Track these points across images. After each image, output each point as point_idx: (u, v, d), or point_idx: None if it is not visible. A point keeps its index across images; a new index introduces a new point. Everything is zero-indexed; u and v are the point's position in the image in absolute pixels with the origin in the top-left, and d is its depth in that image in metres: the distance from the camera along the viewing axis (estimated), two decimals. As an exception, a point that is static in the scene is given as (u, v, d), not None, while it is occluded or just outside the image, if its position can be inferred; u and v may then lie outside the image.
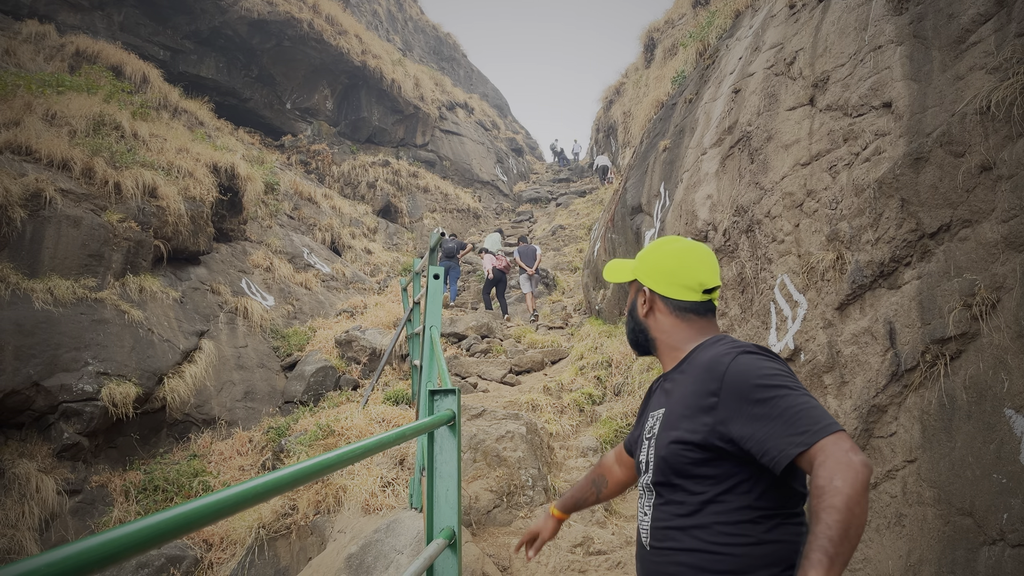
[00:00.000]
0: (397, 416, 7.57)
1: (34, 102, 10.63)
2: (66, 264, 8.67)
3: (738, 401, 1.55)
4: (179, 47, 20.89)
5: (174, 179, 11.04)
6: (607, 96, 27.96)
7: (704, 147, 7.15)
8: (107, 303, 8.80)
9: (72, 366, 8.01)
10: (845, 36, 4.88)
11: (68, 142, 9.81)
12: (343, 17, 25.26)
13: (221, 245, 12.98)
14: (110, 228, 9.23)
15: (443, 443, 2.51)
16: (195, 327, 10.16)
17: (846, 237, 4.24)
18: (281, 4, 21.95)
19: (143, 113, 12.70)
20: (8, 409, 7.46)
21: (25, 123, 9.88)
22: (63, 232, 8.70)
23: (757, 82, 6.21)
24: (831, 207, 4.45)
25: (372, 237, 21.11)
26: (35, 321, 7.86)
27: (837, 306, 4.23)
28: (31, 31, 16.19)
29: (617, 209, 10.62)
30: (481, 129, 32.12)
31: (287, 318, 12.90)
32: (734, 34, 8.18)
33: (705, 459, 1.61)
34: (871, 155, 4.15)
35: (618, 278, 1.99)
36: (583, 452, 6.43)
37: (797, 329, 4.61)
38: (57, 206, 8.68)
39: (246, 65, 22.38)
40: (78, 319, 8.34)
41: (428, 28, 45.38)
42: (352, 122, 25.42)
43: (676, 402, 1.72)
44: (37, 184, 8.55)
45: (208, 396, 9.51)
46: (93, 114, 10.93)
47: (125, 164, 10.16)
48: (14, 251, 8.17)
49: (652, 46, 20.55)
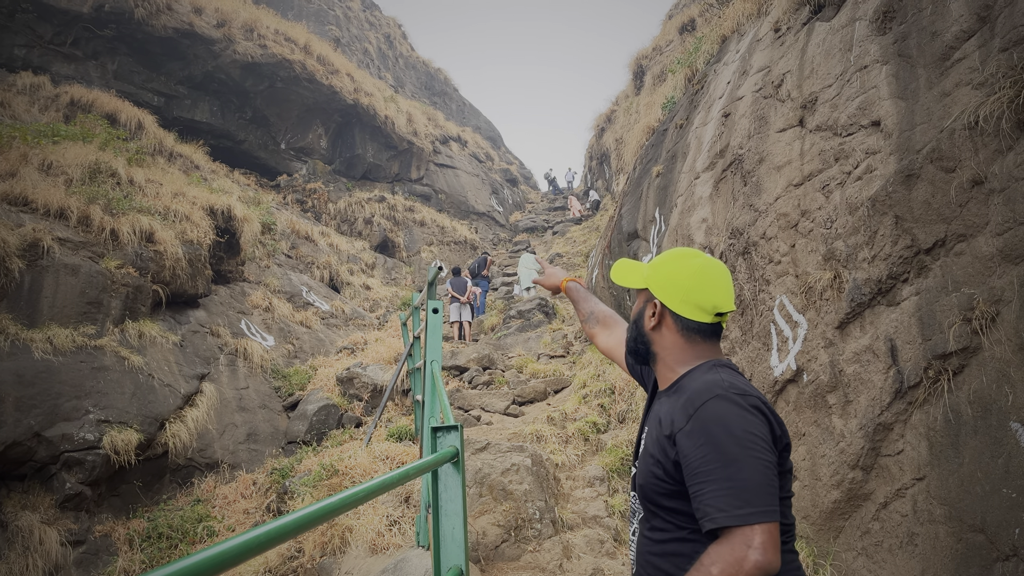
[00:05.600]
0: (401, 453, 7.51)
1: (30, 153, 10.69)
2: (65, 312, 8.66)
3: (696, 445, 1.51)
4: (173, 92, 21.08)
5: (171, 223, 11.07)
6: (599, 124, 28.17)
7: (697, 171, 7.19)
8: (107, 350, 8.78)
9: (73, 415, 7.96)
10: (831, 57, 4.93)
11: (65, 191, 9.86)
12: (334, 57, 25.54)
13: (220, 287, 12.99)
14: (108, 275, 9.24)
15: (447, 481, 2.49)
16: (196, 370, 10.12)
17: (842, 256, 4.25)
18: (273, 46, 22.20)
19: (139, 159, 12.78)
20: (10, 461, 7.40)
21: (21, 174, 9.93)
22: (61, 281, 8.70)
23: (746, 105, 6.26)
24: (826, 226, 4.46)
25: (370, 273, 21.14)
26: (35, 371, 7.83)
27: (837, 325, 4.23)
28: (26, 83, 16.36)
29: (613, 236, 10.65)
30: (475, 161, 32.33)
31: (288, 357, 12.86)
32: (721, 59, 8.27)
33: (675, 492, 1.59)
34: (863, 173, 4.18)
35: (626, 282, 1.87)
36: (590, 482, 6.37)
37: (799, 350, 4.60)
38: (55, 255, 8.70)
39: (240, 107, 22.57)
40: (78, 367, 8.31)
41: (419, 64, 45.89)
42: (347, 159, 25.59)
43: (655, 428, 1.69)
44: (35, 234, 8.57)
45: (210, 439, 9.45)
46: (89, 162, 11.00)
47: (122, 210, 10.20)
48: (13, 301, 8.16)
49: (641, 73, 20.77)
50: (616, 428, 7.72)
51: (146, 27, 19.50)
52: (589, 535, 5.32)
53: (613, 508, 5.87)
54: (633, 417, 7.50)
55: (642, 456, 1.72)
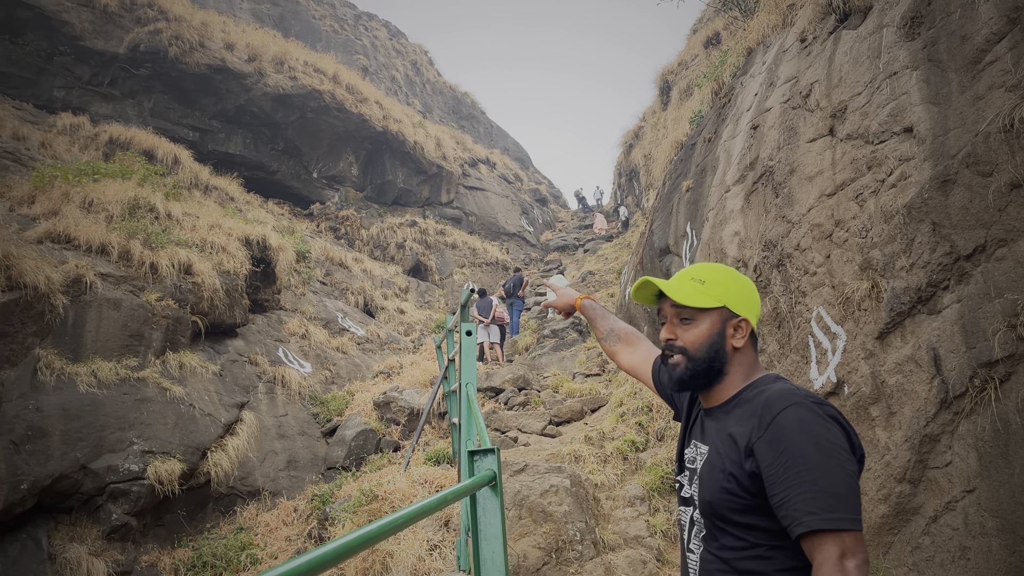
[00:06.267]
0: (439, 477, 7.51)
1: (71, 191, 11.01)
2: (108, 346, 8.85)
3: (776, 453, 1.51)
4: (207, 127, 21.58)
5: (208, 255, 11.29)
6: (626, 140, 28.18)
7: (727, 184, 7.14)
8: (149, 381, 8.94)
9: (118, 446, 8.11)
10: (859, 65, 4.89)
11: (105, 227, 10.12)
12: (363, 85, 25.96)
13: (257, 316, 13.18)
14: (149, 308, 9.43)
15: (486, 504, 2.48)
16: (235, 399, 10.26)
17: (879, 265, 4.18)
18: (303, 78, 22.64)
19: (175, 193, 13.08)
20: (57, 493, 7.55)
21: (64, 212, 10.22)
22: (104, 315, 8.90)
23: (775, 116, 6.22)
24: (861, 236, 4.40)
25: (404, 297, 21.30)
26: (80, 404, 8.00)
27: (877, 335, 4.15)
28: (66, 123, 16.87)
29: (645, 252, 10.61)
30: (504, 182, 32.50)
31: (325, 383, 12.97)
32: (748, 71, 8.24)
33: (750, 507, 1.57)
34: (897, 181, 4.12)
35: (691, 301, 1.77)
36: (630, 501, 6.31)
37: (838, 361, 4.52)
38: (97, 290, 8.91)
39: (272, 139, 23.01)
40: (122, 399, 8.47)
41: (446, 89, 46.40)
42: (378, 186, 25.90)
43: (723, 443, 1.67)
44: (77, 270, 8.79)
45: (251, 467, 9.55)
46: (128, 198, 11.28)
47: (160, 244, 10.43)
48: (58, 337, 8.36)
49: (667, 88, 20.76)
50: (655, 446, 7.64)
51: (180, 65, 20.03)
52: (631, 556, 5.26)
53: (655, 528, 5.80)
54: (672, 435, 7.42)
55: (707, 472, 1.68)
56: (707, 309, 1.76)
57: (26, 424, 7.44)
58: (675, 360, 1.78)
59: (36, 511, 7.49)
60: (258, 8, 34.06)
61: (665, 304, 1.83)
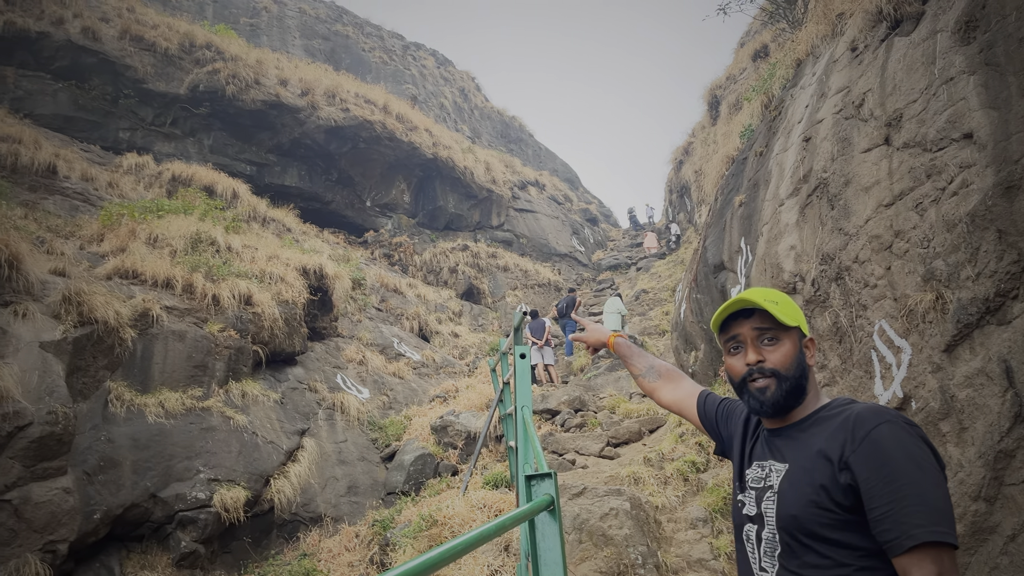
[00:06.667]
0: (498, 500, 7.50)
1: (137, 228, 11.45)
2: (174, 377, 9.13)
3: (875, 467, 1.51)
4: (264, 161, 22.22)
5: (267, 285, 11.58)
6: (676, 157, 28.01)
7: (781, 198, 7.03)
8: (213, 411, 9.18)
9: (185, 475, 8.33)
10: (913, 72, 4.78)
11: (170, 261, 10.48)
12: (412, 114, 26.42)
13: (315, 343, 13.43)
14: (212, 339, 9.70)
15: (544, 529, 2.47)
16: (296, 426, 10.44)
17: (943, 275, 4.05)
18: (354, 109, 23.17)
19: (235, 227, 13.48)
20: (129, 522, 7.78)
21: (130, 248, 10.63)
22: (170, 347, 9.19)
23: (827, 128, 6.12)
24: (923, 246, 4.28)
25: (458, 320, 21.44)
26: (149, 434, 8.25)
27: (944, 348, 4.02)
28: (131, 163, 17.55)
29: (699, 268, 10.48)
30: (554, 203, 32.57)
31: (383, 409, 13.12)
32: (797, 83, 8.12)
33: (841, 522, 1.56)
34: (958, 188, 4.00)
35: (787, 319, 1.77)
36: (692, 524, 6.19)
37: (904, 376, 4.39)
38: (163, 323, 9.20)
39: (326, 170, 23.56)
40: (188, 429, 8.71)
41: (493, 114, 46.88)
42: (429, 212, 26.25)
43: (809, 459, 1.66)
44: (144, 304, 9.11)
45: (313, 494, 9.69)
46: (190, 233, 11.68)
47: (221, 276, 10.75)
48: (127, 369, 8.66)
49: (716, 103, 20.60)
50: (716, 467, 7.50)
51: (237, 102, 20.72)
52: (695, 579, 5.16)
53: (719, 550, 5.68)
54: (733, 454, 7.27)
55: (790, 487, 1.67)
56: (790, 328, 1.79)
57: (98, 455, 7.71)
58: (764, 383, 1.77)
59: (108, 540, 7.73)
60: (310, 44, 35.06)
61: (744, 327, 1.82)
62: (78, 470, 7.41)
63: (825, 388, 5.63)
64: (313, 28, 36.36)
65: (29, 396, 6.96)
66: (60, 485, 6.99)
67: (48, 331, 7.73)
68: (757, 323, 1.80)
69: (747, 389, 1.80)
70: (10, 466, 6.65)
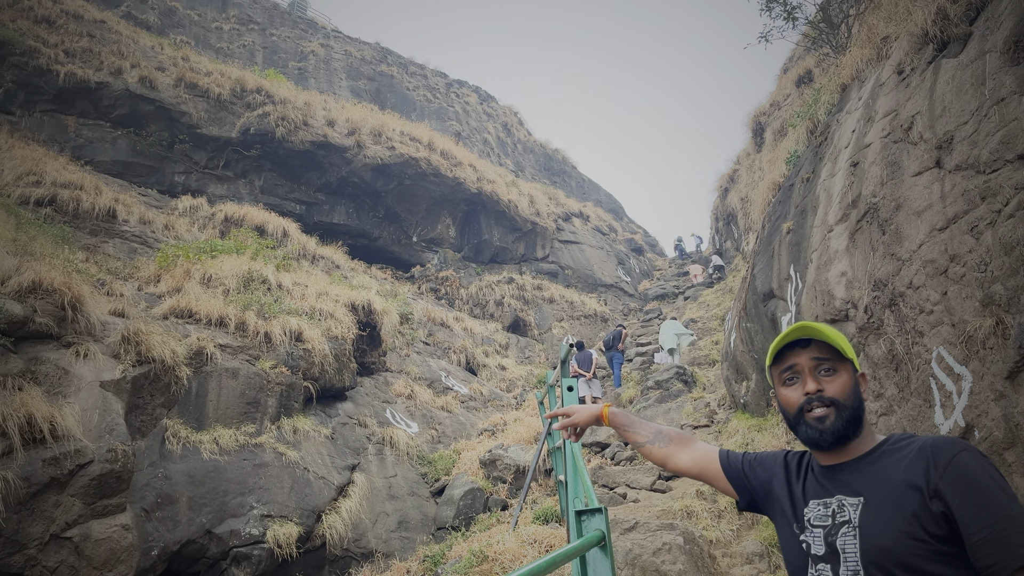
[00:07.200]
0: (548, 536, 7.42)
1: (192, 268, 11.78)
2: (228, 414, 9.30)
3: (968, 492, 1.51)
4: (312, 200, 22.73)
5: (317, 322, 11.77)
6: (721, 184, 27.82)
7: (830, 224, 6.93)
8: (266, 447, 9.31)
9: (239, 511, 8.44)
10: (963, 94, 4.70)
11: (223, 300, 10.75)
12: (456, 150, 26.79)
13: (364, 378, 13.56)
14: (264, 375, 9.88)
15: (596, 566, 2.45)
16: (346, 461, 10.52)
17: (1003, 300, 3.93)
18: (400, 147, 23.61)
19: (285, 265, 13.78)
20: (185, 558, 7.90)
21: (185, 288, 10.94)
22: (223, 384, 9.38)
23: (875, 152, 6.03)
24: (980, 270, 4.17)
25: (504, 353, 21.44)
26: (204, 471, 8.40)
27: (1007, 375, 3.88)
28: (186, 205, 18.14)
29: (748, 297, 10.34)
30: (599, 234, 32.55)
31: (431, 443, 13.14)
32: (843, 108, 8.04)
33: (936, 553, 1.54)
34: (1015, 210, 3.90)
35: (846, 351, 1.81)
36: (748, 558, 6.03)
37: (965, 404, 4.25)
38: (217, 361, 9.41)
39: (373, 207, 23.99)
40: (241, 465, 8.84)
41: (536, 147, 47.26)
42: (474, 245, 26.46)
43: (890, 490, 1.63)
44: (199, 343, 9.34)
45: (364, 529, 9.71)
46: (242, 272, 11.97)
47: (272, 314, 10.97)
48: (183, 407, 8.86)
49: (760, 130, 20.45)
50: (771, 499, 7.31)
51: (286, 144, 21.31)
52: (753, 617, 5.01)
53: (776, 587, 5.52)
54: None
55: (874, 521, 1.63)
56: (846, 360, 1.80)
57: (156, 492, 7.87)
58: (823, 412, 1.76)
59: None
60: (356, 85, 35.93)
61: (802, 357, 1.81)
62: (136, 507, 7.57)
63: (883, 417, 5.47)
64: (359, 69, 37.29)
65: (90, 435, 7.16)
66: (119, 522, 7.15)
67: (108, 370, 7.97)
68: (815, 353, 1.79)
69: (804, 420, 1.78)
70: (71, 504, 6.83)
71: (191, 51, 24.83)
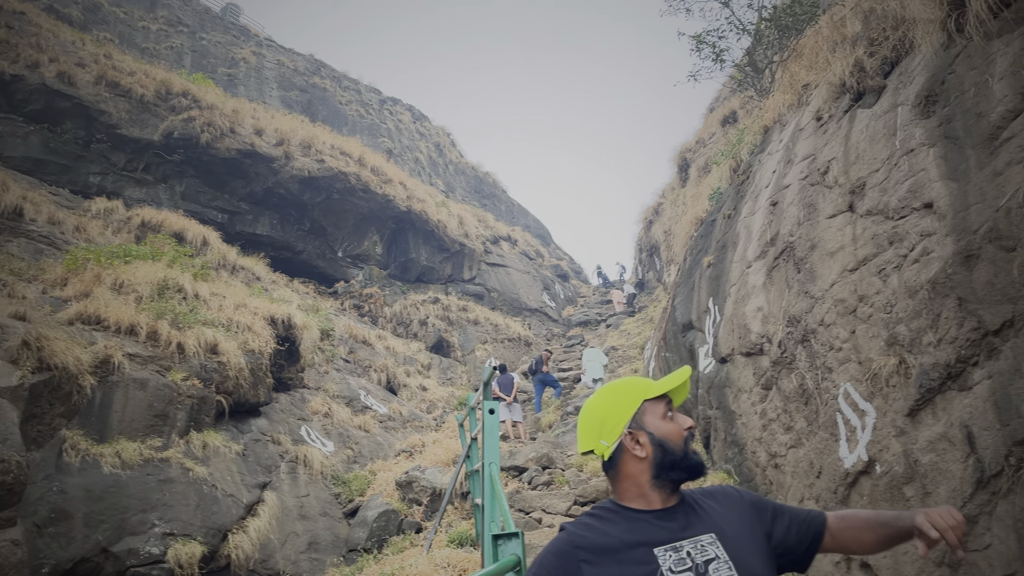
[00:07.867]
0: (462, 560, 7.35)
1: (103, 273, 11.27)
2: (133, 426, 8.89)
3: (763, 510, 1.87)
4: (236, 209, 22.13)
5: (234, 334, 11.41)
6: (646, 216, 28.47)
7: (748, 260, 7.17)
8: (172, 462, 8.93)
9: (139, 529, 8.05)
10: (876, 143, 4.95)
11: (135, 308, 10.31)
12: (387, 167, 26.60)
13: (280, 394, 13.20)
14: (174, 387, 9.50)
15: (511, 591, 2.43)
16: (257, 479, 10.18)
17: (906, 340, 4.14)
18: (329, 160, 23.28)
19: (203, 274, 13.33)
20: (77, 577, 7.47)
21: (95, 294, 10.44)
22: (130, 395, 8.97)
23: (794, 193, 6.28)
24: (886, 311, 4.37)
25: (426, 373, 21.25)
26: (104, 486, 7.99)
27: (907, 412, 4.07)
28: (100, 208, 17.35)
29: (668, 327, 10.57)
30: (526, 259, 32.77)
31: (347, 463, 12.86)
32: (765, 149, 8.36)
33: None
34: (919, 256, 4.12)
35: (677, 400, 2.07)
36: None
37: (868, 439, 4.43)
38: (125, 370, 9.00)
39: (298, 219, 23.52)
40: (145, 480, 8.45)
41: (468, 169, 47.41)
42: (401, 264, 26.23)
43: (733, 519, 1.81)
44: (106, 351, 8.91)
45: (272, 550, 9.40)
46: (157, 280, 11.52)
47: (187, 324, 10.58)
48: (84, 417, 8.42)
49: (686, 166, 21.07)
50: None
51: (211, 150, 20.72)
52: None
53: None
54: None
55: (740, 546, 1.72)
56: None
57: (50, 506, 7.43)
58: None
59: (55, 596, 7.39)
60: (287, 95, 35.38)
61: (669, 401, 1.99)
62: (28, 522, 7.13)
63: (791, 450, 5.66)
64: (291, 80, 36.75)
65: (-20, 443, 6.72)
66: (9, 537, 6.72)
67: (4, 376, 7.52)
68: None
69: (690, 451, 1.88)
70: (-45, 517, 6.39)
71: (115, 49, 23.93)
